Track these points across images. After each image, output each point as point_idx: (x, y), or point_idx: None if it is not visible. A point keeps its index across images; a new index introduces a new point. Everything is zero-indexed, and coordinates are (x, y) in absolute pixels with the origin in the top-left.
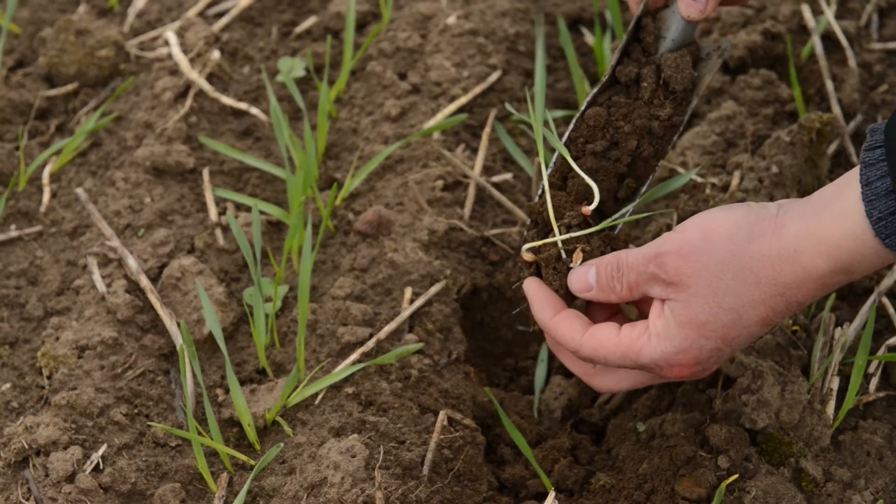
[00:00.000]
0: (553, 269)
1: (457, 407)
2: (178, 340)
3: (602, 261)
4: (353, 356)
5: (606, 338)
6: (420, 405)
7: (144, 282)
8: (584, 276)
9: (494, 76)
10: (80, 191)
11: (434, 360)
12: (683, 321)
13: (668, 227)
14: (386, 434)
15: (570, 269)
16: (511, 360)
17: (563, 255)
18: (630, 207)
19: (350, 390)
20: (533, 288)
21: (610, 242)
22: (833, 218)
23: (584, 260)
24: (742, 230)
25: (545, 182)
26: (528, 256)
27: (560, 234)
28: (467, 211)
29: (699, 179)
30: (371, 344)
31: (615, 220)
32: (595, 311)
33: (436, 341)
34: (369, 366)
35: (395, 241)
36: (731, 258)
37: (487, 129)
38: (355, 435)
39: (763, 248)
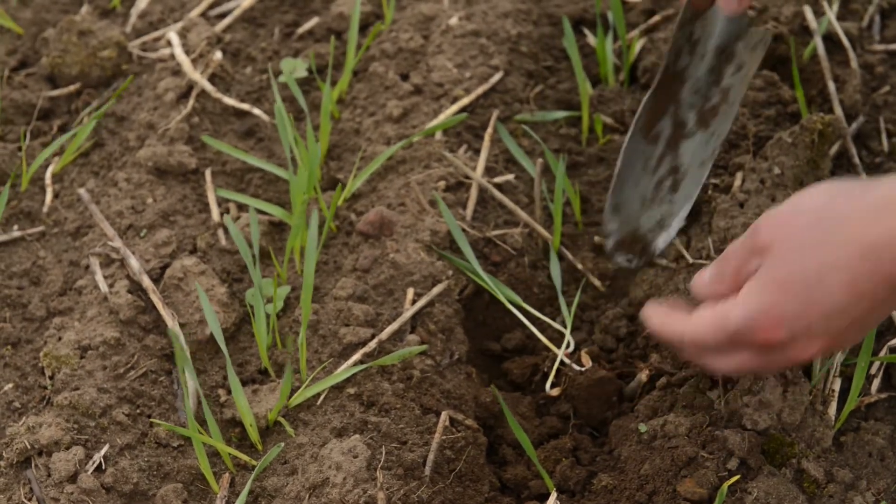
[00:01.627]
0: None
1: (459, 407)
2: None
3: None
4: (355, 357)
5: (701, 314)
6: (422, 406)
7: (146, 282)
8: (702, 275)
9: (497, 77)
10: (82, 191)
11: (436, 360)
12: (766, 281)
13: None
14: (388, 434)
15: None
16: None
17: None
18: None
19: (352, 391)
20: (649, 311)
21: None
22: None
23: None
24: (832, 192)
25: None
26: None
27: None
28: (469, 212)
29: None
30: (373, 344)
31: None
32: None
33: (438, 342)
34: (371, 366)
35: (397, 242)
36: (819, 219)
37: (489, 130)
38: (357, 435)
39: (850, 206)
